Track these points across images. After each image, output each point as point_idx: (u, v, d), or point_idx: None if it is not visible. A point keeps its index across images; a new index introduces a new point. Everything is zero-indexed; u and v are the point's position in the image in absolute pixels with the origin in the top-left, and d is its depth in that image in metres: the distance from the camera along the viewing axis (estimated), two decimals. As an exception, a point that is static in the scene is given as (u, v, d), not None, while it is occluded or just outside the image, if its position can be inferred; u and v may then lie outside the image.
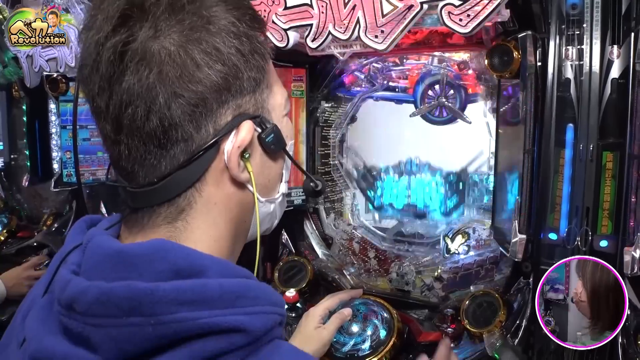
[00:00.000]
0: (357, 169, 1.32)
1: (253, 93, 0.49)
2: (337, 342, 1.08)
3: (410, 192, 1.23)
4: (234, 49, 0.46)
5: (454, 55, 1.15)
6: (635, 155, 0.83)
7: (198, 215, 0.48)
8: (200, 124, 0.45)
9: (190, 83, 0.44)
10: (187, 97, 0.44)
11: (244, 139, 0.47)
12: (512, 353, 0.97)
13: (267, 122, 0.50)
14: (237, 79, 0.46)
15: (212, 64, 0.44)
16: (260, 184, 0.52)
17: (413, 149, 1.24)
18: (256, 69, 0.48)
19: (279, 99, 0.53)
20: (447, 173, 1.19)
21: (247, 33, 0.47)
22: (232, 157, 0.47)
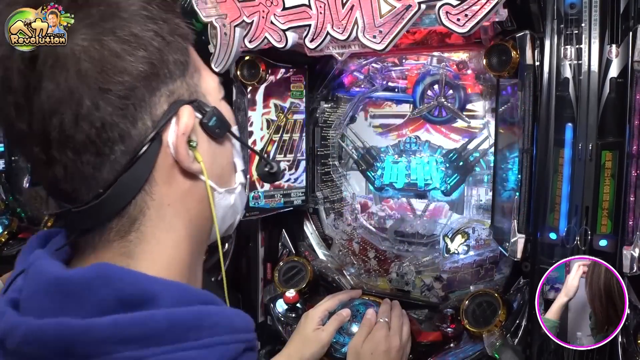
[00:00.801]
0: (357, 149, 1.31)
1: (183, 77, 0.46)
2: (337, 343, 1.08)
3: (411, 172, 1.22)
4: (152, 33, 0.42)
5: (452, 55, 1.15)
6: (634, 154, 0.83)
7: (152, 222, 0.44)
8: (136, 118, 0.42)
9: (115, 75, 0.40)
10: (114, 91, 0.40)
11: (186, 124, 0.44)
12: (511, 352, 0.97)
13: (206, 105, 0.47)
14: (163, 63, 0.43)
15: (133, 52, 0.41)
16: (214, 174, 0.49)
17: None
18: (180, 51, 0.45)
19: (212, 83, 0.51)
20: (447, 151, 1.19)
21: (161, 16, 0.44)
22: (179, 147, 0.44)
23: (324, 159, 1.36)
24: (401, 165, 1.24)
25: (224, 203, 0.51)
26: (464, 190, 1.19)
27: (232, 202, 0.52)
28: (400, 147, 1.25)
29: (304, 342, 1.00)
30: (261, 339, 1.35)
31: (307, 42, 0.97)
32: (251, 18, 1.02)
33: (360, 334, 1.01)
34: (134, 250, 0.44)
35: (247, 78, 1.20)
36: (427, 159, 1.21)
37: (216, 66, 1.10)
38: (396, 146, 1.26)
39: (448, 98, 1.17)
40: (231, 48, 1.05)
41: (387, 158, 1.26)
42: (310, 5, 0.94)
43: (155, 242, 0.45)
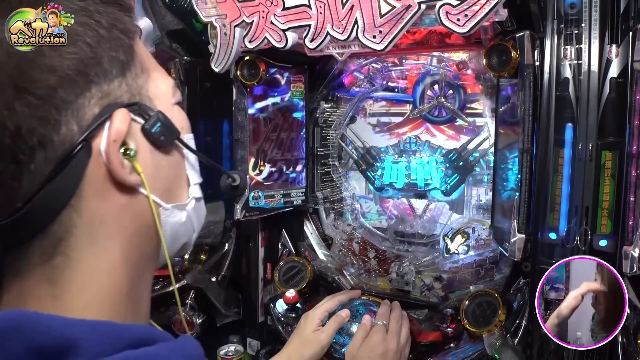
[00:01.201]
0: (357, 149, 1.31)
1: (122, 77, 0.41)
2: (337, 343, 1.08)
3: (411, 172, 1.22)
4: (84, 26, 0.38)
5: (452, 55, 1.15)
6: (634, 154, 0.83)
7: (80, 243, 0.39)
8: (59, 122, 0.37)
9: (34, 72, 0.36)
10: (32, 90, 0.36)
11: (118, 129, 0.39)
12: (511, 352, 0.97)
13: (149, 109, 0.42)
14: (95, 61, 0.38)
15: (60, 47, 0.37)
16: (158, 187, 0.43)
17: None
18: (120, 48, 0.40)
19: (162, 86, 0.46)
20: (447, 151, 1.19)
21: (98, 8, 0.39)
22: (111, 156, 0.39)
23: (324, 159, 1.36)
24: (401, 165, 1.24)
25: (173, 220, 0.45)
26: (464, 190, 1.19)
27: (183, 220, 0.46)
28: (400, 147, 1.25)
29: (304, 343, 1.00)
30: (261, 339, 1.35)
31: (307, 42, 0.97)
32: (251, 18, 1.02)
33: (357, 338, 1.01)
34: (59, 279, 0.38)
35: (247, 78, 1.20)
36: (427, 159, 1.21)
37: (216, 66, 1.10)
38: (396, 146, 1.26)
39: (448, 98, 1.17)
40: (231, 48, 1.05)
41: (387, 158, 1.26)
42: (310, 5, 0.94)
43: (84, 267, 0.39)
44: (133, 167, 0.40)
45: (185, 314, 1.32)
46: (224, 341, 1.34)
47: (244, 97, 1.24)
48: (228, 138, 1.31)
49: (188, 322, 1.32)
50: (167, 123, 0.43)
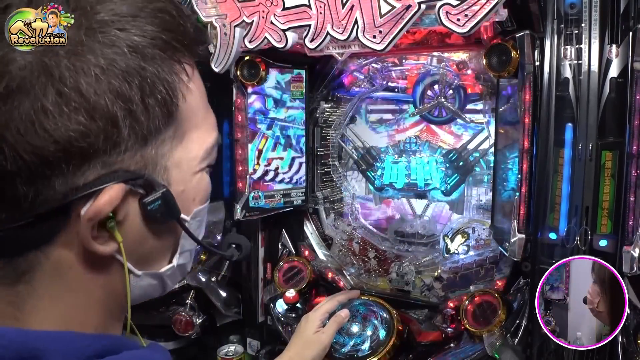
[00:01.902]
0: (357, 149, 1.31)
1: (140, 149, 0.36)
2: (337, 343, 1.08)
3: (411, 172, 1.22)
4: (111, 94, 0.34)
5: (452, 55, 1.15)
6: (634, 154, 0.83)
7: (46, 279, 0.37)
8: (43, 185, 0.34)
9: (28, 134, 0.32)
10: (20, 152, 0.33)
11: (99, 210, 0.35)
12: (511, 353, 0.97)
13: (156, 184, 0.38)
14: (108, 135, 0.34)
15: (67, 113, 0.33)
16: (138, 254, 0.40)
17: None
18: (151, 120, 0.36)
19: (195, 151, 0.41)
20: (447, 151, 1.19)
21: (144, 67, 0.35)
22: (83, 229, 0.36)
23: (324, 159, 1.36)
24: (401, 165, 1.24)
25: (143, 284, 0.42)
26: (464, 190, 1.19)
27: (154, 283, 0.44)
28: (400, 147, 1.25)
29: (305, 345, 1.00)
30: (261, 339, 1.35)
31: (307, 42, 0.97)
32: (251, 18, 1.02)
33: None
34: (23, 305, 0.37)
35: (247, 78, 1.20)
36: (427, 159, 1.21)
37: (216, 66, 1.10)
38: (396, 146, 1.26)
39: (448, 98, 1.17)
40: (231, 48, 1.05)
41: (387, 158, 1.26)
42: (310, 5, 0.94)
43: (50, 300, 0.37)
44: (112, 236, 0.37)
45: (186, 314, 1.32)
46: (224, 341, 1.34)
47: (244, 97, 1.24)
48: (228, 138, 1.31)
49: (188, 322, 1.32)
50: (169, 202, 0.39)
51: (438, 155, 1.20)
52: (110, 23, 0.35)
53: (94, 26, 0.34)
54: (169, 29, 0.37)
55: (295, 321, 1.19)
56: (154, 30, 0.36)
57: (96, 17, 0.35)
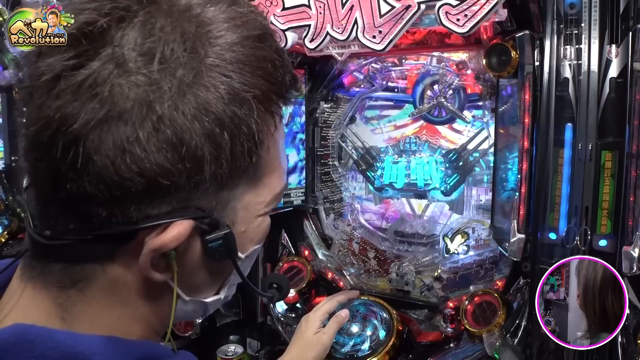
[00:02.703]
0: (357, 149, 1.31)
1: (216, 192, 0.38)
2: (337, 343, 1.08)
3: (410, 172, 1.22)
4: (204, 137, 0.34)
5: (452, 56, 1.15)
6: (634, 154, 0.83)
7: (99, 290, 0.38)
8: (118, 210, 0.35)
9: (116, 161, 0.33)
10: (104, 177, 0.34)
11: (165, 244, 0.36)
12: (511, 353, 0.97)
13: (221, 225, 0.39)
14: (191, 176, 0.35)
15: (159, 148, 0.33)
16: (188, 284, 0.42)
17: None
18: (234, 166, 0.37)
19: (264, 196, 0.42)
20: (447, 151, 1.19)
21: (240, 117, 0.36)
22: (144, 257, 0.37)
23: (323, 159, 1.36)
24: (401, 165, 1.24)
25: (187, 308, 0.44)
26: (464, 190, 1.19)
27: (198, 308, 0.45)
28: (400, 147, 1.25)
29: (306, 346, 1.00)
30: (261, 339, 1.35)
31: (307, 42, 0.97)
32: (251, 18, 1.02)
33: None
34: (71, 308, 0.38)
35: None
36: (427, 159, 1.21)
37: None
38: (396, 146, 1.26)
39: (448, 98, 1.17)
40: (231, 48, 1.05)
41: (386, 158, 1.26)
42: (310, 5, 0.94)
43: (99, 308, 0.39)
44: (168, 265, 0.38)
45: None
46: (224, 341, 1.34)
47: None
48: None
49: (188, 322, 1.32)
50: (230, 244, 0.40)
51: (438, 156, 1.20)
52: (216, 67, 0.35)
53: (202, 69, 0.35)
54: (270, 81, 0.38)
55: (295, 321, 1.19)
56: (256, 80, 0.36)
57: (206, 61, 0.35)
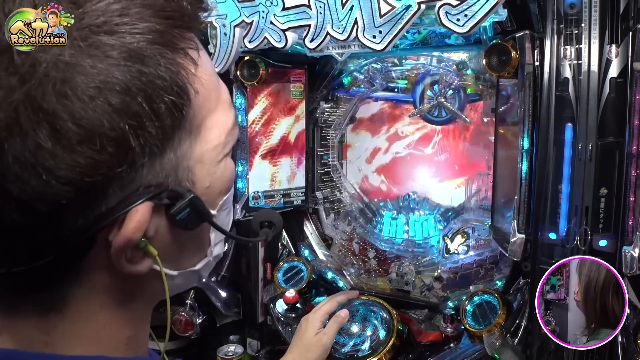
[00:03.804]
0: (354, 200, 1.32)
1: (157, 159, 0.33)
2: (337, 343, 1.08)
3: (409, 228, 1.24)
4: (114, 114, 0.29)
5: (452, 55, 1.15)
6: (634, 154, 0.83)
7: (78, 304, 0.35)
8: (61, 226, 0.31)
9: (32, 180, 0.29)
10: (31, 202, 0.29)
11: (129, 238, 0.33)
12: (511, 352, 0.96)
13: (181, 193, 0.35)
14: (121, 158, 0.31)
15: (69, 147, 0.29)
16: (171, 259, 0.38)
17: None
18: (163, 127, 0.32)
19: (215, 138, 0.37)
20: (445, 209, 1.20)
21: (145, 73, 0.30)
22: (115, 257, 0.34)
23: (323, 159, 1.36)
24: (400, 222, 1.25)
25: (179, 282, 0.41)
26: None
27: (190, 277, 0.43)
28: (399, 203, 1.26)
29: (307, 347, 1.00)
30: (261, 339, 1.35)
31: (307, 42, 0.97)
32: (251, 18, 1.02)
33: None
34: (53, 329, 0.36)
35: (247, 78, 1.20)
36: (426, 217, 1.22)
37: (216, 66, 1.10)
38: (395, 202, 1.27)
39: (448, 98, 1.17)
40: (231, 48, 1.05)
41: (386, 214, 1.27)
42: (310, 5, 0.94)
43: (82, 322, 0.36)
44: (145, 252, 0.35)
45: (185, 314, 1.32)
46: (224, 341, 1.34)
47: (244, 97, 1.24)
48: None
49: (188, 322, 1.31)
50: (198, 208, 0.36)
51: (436, 214, 1.21)
52: (97, 28, 0.30)
53: (80, 37, 0.29)
54: (164, 16, 0.32)
55: (295, 321, 1.19)
56: (148, 24, 0.31)
57: (82, 24, 0.29)
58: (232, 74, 1.20)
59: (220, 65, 1.09)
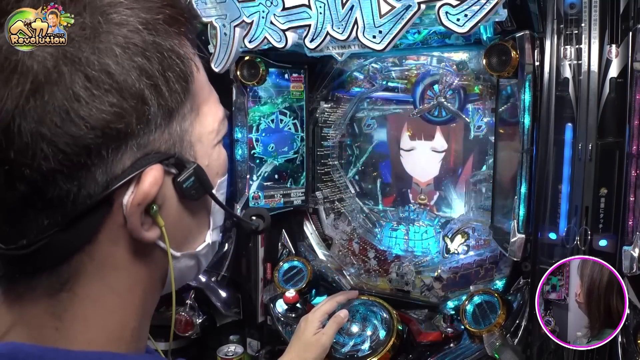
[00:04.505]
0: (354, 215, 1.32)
1: (167, 125, 0.37)
2: (337, 343, 1.08)
3: (409, 239, 1.24)
4: (136, 71, 0.34)
5: (452, 56, 1.15)
6: (634, 154, 0.83)
7: (89, 283, 0.37)
8: (85, 178, 0.34)
9: (65, 125, 0.32)
10: (60, 146, 0.32)
11: (146, 193, 0.36)
12: (511, 352, 0.97)
13: (186, 162, 0.39)
14: (140, 113, 0.35)
15: (99, 95, 0.33)
16: (177, 236, 0.42)
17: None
18: (173, 92, 0.37)
19: (210, 124, 0.42)
20: (445, 220, 1.20)
21: (159, 43, 0.36)
22: (132, 217, 0.36)
23: (324, 159, 1.36)
24: (400, 233, 1.25)
25: (180, 266, 0.44)
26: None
27: (191, 264, 0.45)
28: (399, 215, 1.26)
29: (306, 347, 1.00)
30: (261, 339, 1.35)
31: (307, 42, 0.97)
32: (251, 18, 1.02)
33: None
34: (64, 314, 0.37)
35: (247, 78, 1.20)
36: (426, 229, 1.22)
37: (216, 66, 1.10)
38: (395, 213, 1.27)
39: (448, 98, 1.17)
40: (231, 48, 1.05)
41: (386, 225, 1.27)
42: (310, 5, 0.94)
43: (91, 304, 0.38)
44: (155, 221, 0.38)
45: (186, 314, 1.32)
46: (224, 341, 1.34)
47: (244, 97, 1.24)
48: (228, 138, 1.32)
49: (188, 322, 1.32)
50: (201, 177, 0.40)
51: (436, 225, 1.21)
52: (118, 4, 0.35)
53: (105, 9, 0.35)
54: (170, 4, 0.38)
55: (295, 321, 1.19)
56: (158, 6, 0.37)
57: (104, 1, 0.35)
58: (232, 74, 1.20)
59: (220, 65, 1.09)
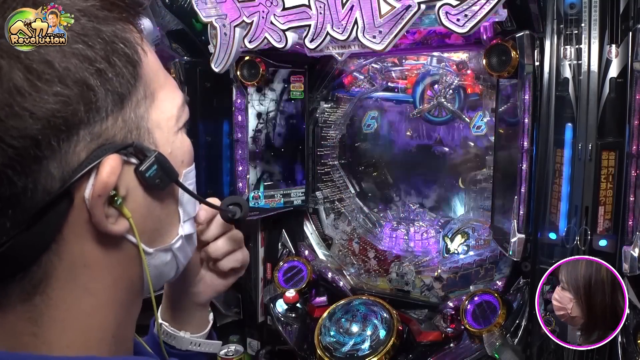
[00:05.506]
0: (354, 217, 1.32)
1: (119, 111, 0.36)
2: (337, 342, 1.08)
3: (409, 239, 1.24)
4: (76, 58, 0.33)
5: (452, 56, 1.15)
6: (634, 154, 0.83)
7: (62, 285, 0.36)
8: (39, 172, 0.33)
9: (10, 118, 0.31)
10: (7, 140, 0.31)
11: (105, 183, 0.35)
12: (511, 352, 0.97)
13: (146, 150, 0.38)
14: (87, 100, 0.34)
15: (42, 86, 0.32)
16: (147, 230, 0.40)
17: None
18: (120, 78, 0.36)
19: (168, 110, 0.41)
20: (445, 221, 1.20)
21: (99, 28, 0.35)
22: (95, 209, 0.35)
23: (324, 159, 1.36)
24: (400, 233, 1.25)
25: (156, 262, 0.42)
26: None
27: (167, 260, 0.43)
28: (399, 215, 1.26)
29: None
30: (261, 339, 1.35)
31: (307, 42, 0.97)
32: (251, 18, 1.02)
33: None
34: (39, 316, 0.36)
35: (247, 78, 1.20)
36: (426, 228, 1.22)
37: (216, 66, 1.10)
38: (395, 213, 1.27)
39: (448, 98, 1.17)
40: (231, 48, 1.05)
41: (386, 225, 1.27)
42: (310, 5, 0.94)
43: (66, 307, 0.37)
44: (121, 213, 0.37)
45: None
46: (224, 341, 1.34)
47: (244, 97, 1.24)
48: (228, 138, 1.32)
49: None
50: (164, 165, 0.39)
51: (436, 225, 1.21)
52: None
53: (44, 0, 0.34)
54: None
55: (295, 321, 1.19)
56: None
57: None
58: (232, 74, 1.20)
59: (220, 65, 1.09)
